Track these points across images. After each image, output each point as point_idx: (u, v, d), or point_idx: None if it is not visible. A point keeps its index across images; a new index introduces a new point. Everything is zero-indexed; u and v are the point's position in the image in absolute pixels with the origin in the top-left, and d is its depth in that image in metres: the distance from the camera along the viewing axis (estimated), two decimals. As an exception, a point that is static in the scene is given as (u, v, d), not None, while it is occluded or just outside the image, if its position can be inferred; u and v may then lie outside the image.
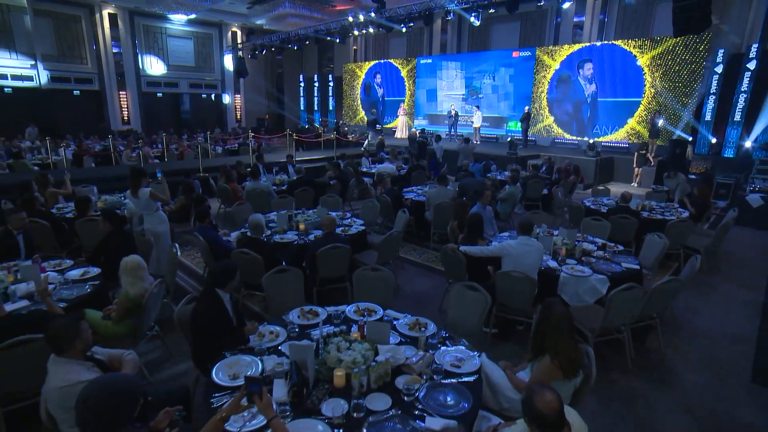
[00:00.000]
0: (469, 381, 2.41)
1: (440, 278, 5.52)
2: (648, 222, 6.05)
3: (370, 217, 6.44)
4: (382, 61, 20.38)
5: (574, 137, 14.49)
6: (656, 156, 11.87)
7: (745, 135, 11.33)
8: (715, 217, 8.43)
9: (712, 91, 11.75)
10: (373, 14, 14.13)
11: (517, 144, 13.14)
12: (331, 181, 8.22)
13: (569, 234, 4.74)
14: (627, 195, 6.20)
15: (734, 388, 3.53)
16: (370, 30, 15.84)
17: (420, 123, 18.69)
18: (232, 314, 2.85)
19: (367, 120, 17.82)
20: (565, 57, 14.30)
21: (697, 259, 4.13)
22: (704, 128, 12.00)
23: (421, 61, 18.63)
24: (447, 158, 12.20)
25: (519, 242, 3.95)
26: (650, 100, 12.79)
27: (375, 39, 20.94)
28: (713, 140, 11.88)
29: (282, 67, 24.77)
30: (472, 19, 13.06)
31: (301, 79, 24.66)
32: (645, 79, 12.83)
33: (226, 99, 23.22)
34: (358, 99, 21.58)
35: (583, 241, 4.89)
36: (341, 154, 11.61)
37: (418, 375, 2.41)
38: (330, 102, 23.32)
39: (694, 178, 9.81)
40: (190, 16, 19.91)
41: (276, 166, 9.86)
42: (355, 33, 16.61)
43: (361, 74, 21.18)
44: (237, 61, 20.61)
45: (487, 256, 4.11)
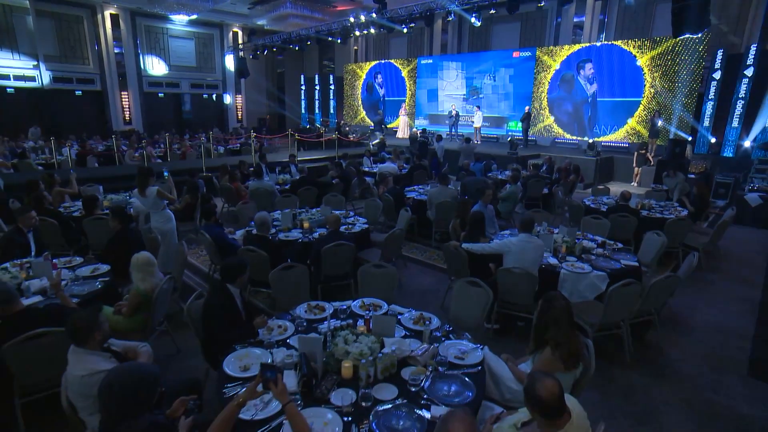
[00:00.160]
0: (472, 372, 2.49)
1: (442, 276, 5.60)
2: (647, 220, 6.12)
3: (373, 215, 6.52)
4: (382, 62, 20.45)
5: (574, 137, 14.55)
6: (656, 156, 11.93)
7: (744, 135, 11.40)
8: (714, 216, 8.52)
9: (711, 91, 11.83)
10: (374, 15, 14.19)
11: (517, 144, 13.20)
12: (333, 180, 8.30)
13: (569, 232, 4.82)
14: (626, 194, 6.27)
15: (731, 381, 3.61)
16: (371, 30, 15.91)
17: (421, 123, 18.74)
18: (241, 309, 2.93)
19: (373, 121, 17.95)
20: (565, 57, 14.36)
21: (695, 256, 4.21)
22: (703, 128, 12.08)
23: (422, 62, 18.69)
24: (448, 158, 12.27)
25: (520, 239, 4.02)
26: (650, 100, 12.86)
27: (376, 39, 20.98)
28: (712, 140, 11.96)
29: (283, 67, 24.82)
30: (472, 19, 13.15)
31: (302, 80, 24.72)
32: (645, 79, 12.90)
33: (227, 99, 23.29)
34: (359, 99, 21.64)
35: (583, 239, 4.97)
36: (343, 153, 11.68)
37: (423, 366, 2.49)
38: (331, 102, 23.38)
39: (694, 177, 9.88)
40: (192, 16, 19.95)
41: (278, 166, 9.94)
42: (357, 33, 16.67)
43: (362, 74, 21.25)
44: (238, 62, 20.68)
45: (489, 253, 4.19)
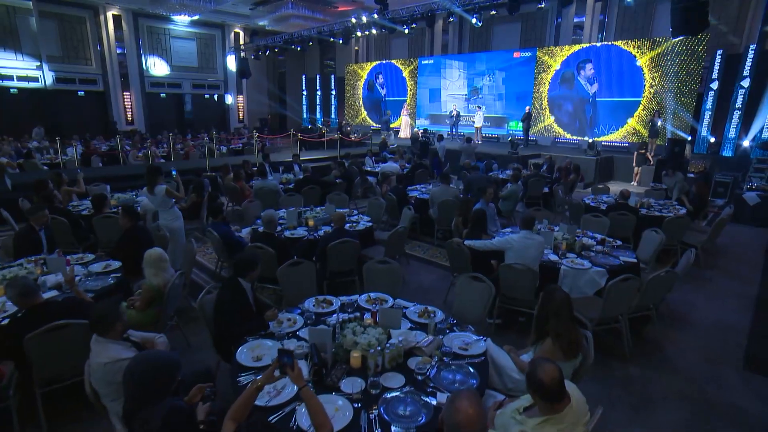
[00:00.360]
0: (476, 362, 2.59)
1: (444, 273, 5.69)
2: (646, 219, 6.21)
3: (376, 214, 6.62)
4: (383, 62, 20.55)
5: (574, 137, 14.65)
6: (655, 155, 12.02)
7: (743, 134, 11.50)
8: (712, 215, 8.61)
9: (710, 91, 11.92)
10: (375, 16, 14.29)
11: (518, 143, 13.30)
12: (337, 179, 8.40)
13: (569, 229, 4.92)
14: (626, 192, 6.37)
15: (727, 374, 3.70)
16: (373, 31, 16.00)
17: (422, 123, 18.84)
18: (252, 303, 3.03)
19: (379, 122, 18.13)
20: (565, 57, 14.45)
21: (692, 252, 4.30)
22: (703, 127, 12.17)
23: (423, 62, 18.78)
24: (449, 158, 12.37)
25: (521, 236, 4.12)
26: (649, 100, 12.95)
27: (376, 40, 21.05)
28: (712, 139, 12.05)
29: (284, 67, 24.91)
30: (473, 20, 13.23)
31: (303, 80, 24.80)
32: (644, 79, 12.99)
33: (229, 99, 23.39)
34: (360, 99, 21.73)
35: (583, 236, 5.06)
36: (345, 153, 11.79)
37: (429, 357, 2.59)
38: (332, 102, 23.46)
39: (693, 176, 9.98)
40: (194, 17, 20.06)
41: (282, 166, 10.03)
42: (358, 34, 16.76)
43: (363, 74, 21.33)
44: (240, 62, 20.78)
45: (491, 249, 4.29)
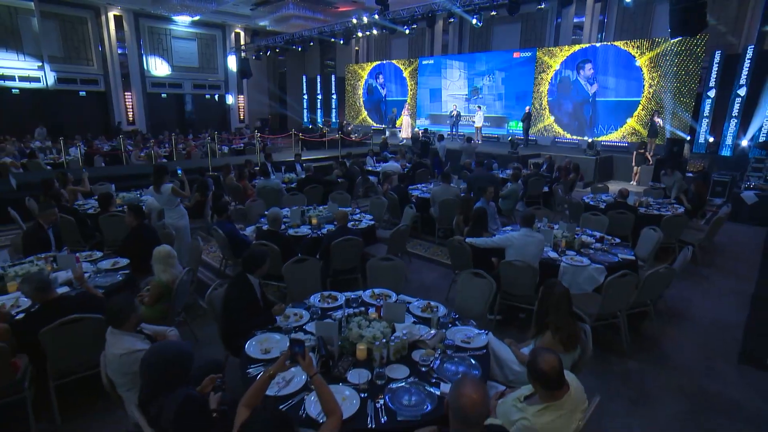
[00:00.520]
0: (478, 355, 2.67)
1: (446, 270, 5.77)
2: (644, 217, 6.29)
3: (378, 213, 6.69)
4: (384, 62, 20.63)
5: (574, 137, 14.73)
6: (654, 155, 12.10)
7: (741, 134, 11.58)
8: (711, 214, 8.68)
9: (709, 91, 12.00)
10: (376, 16, 14.36)
11: (518, 143, 13.38)
12: (339, 179, 8.47)
13: (569, 227, 4.99)
14: (624, 191, 6.45)
15: (723, 368, 3.78)
16: (374, 32, 16.07)
17: (422, 123, 18.91)
18: (260, 298, 3.11)
19: (388, 120, 18.18)
20: (565, 57, 14.53)
21: (689, 249, 4.39)
22: (702, 127, 12.26)
23: (423, 62, 18.86)
24: (449, 157, 12.45)
25: (522, 233, 4.20)
26: (649, 100, 13.02)
27: (377, 40, 21.13)
28: (710, 139, 12.13)
29: (284, 67, 24.98)
30: (473, 21, 13.30)
31: (303, 80, 24.87)
32: (644, 79, 13.07)
33: (230, 99, 23.46)
34: (361, 99, 21.81)
35: (582, 234, 5.14)
36: (347, 153, 11.87)
37: (432, 349, 2.67)
38: (332, 102, 23.52)
39: (692, 176, 10.05)
40: (195, 17, 20.12)
41: (283, 165, 10.11)
42: (359, 34, 16.83)
43: (364, 74, 21.40)
44: (241, 62, 20.84)
45: (492, 247, 4.36)
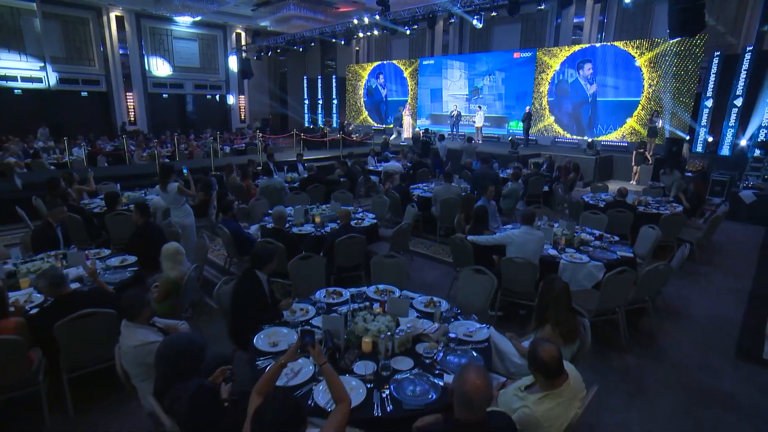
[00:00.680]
0: (480, 347, 2.75)
1: (447, 268, 5.86)
2: (643, 216, 6.37)
3: (380, 212, 6.77)
4: (384, 62, 20.71)
5: (574, 136, 14.80)
6: (654, 155, 12.17)
7: (740, 134, 11.66)
8: (709, 213, 8.76)
9: (708, 91, 12.08)
10: (377, 17, 14.45)
11: (518, 143, 13.45)
12: (341, 178, 8.56)
13: (568, 225, 5.07)
14: (623, 190, 6.53)
15: (719, 363, 3.86)
16: (374, 32, 16.16)
17: (423, 123, 18.99)
18: (268, 294, 3.19)
19: (394, 119, 18.25)
20: (565, 58, 14.61)
21: (687, 247, 4.47)
22: (701, 127, 12.33)
23: (424, 62, 18.94)
24: (450, 157, 12.53)
25: (522, 231, 4.28)
26: (648, 100, 13.10)
27: (377, 40, 21.20)
28: (710, 139, 12.21)
29: (285, 67, 25.04)
30: (474, 21, 13.38)
31: (304, 80, 24.96)
32: (643, 79, 13.15)
33: (231, 100, 23.53)
34: (362, 99, 21.89)
35: (582, 232, 5.22)
36: (349, 152, 11.95)
37: (435, 342, 2.75)
38: (333, 102, 23.59)
39: (691, 175, 10.13)
40: (196, 18, 20.20)
41: (286, 165, 10.19)
42: (360, 35, 16.90)
43: (364, 75, 21.48)
44: (242, 63, 20.91)
45: (493, 244, 4.44)
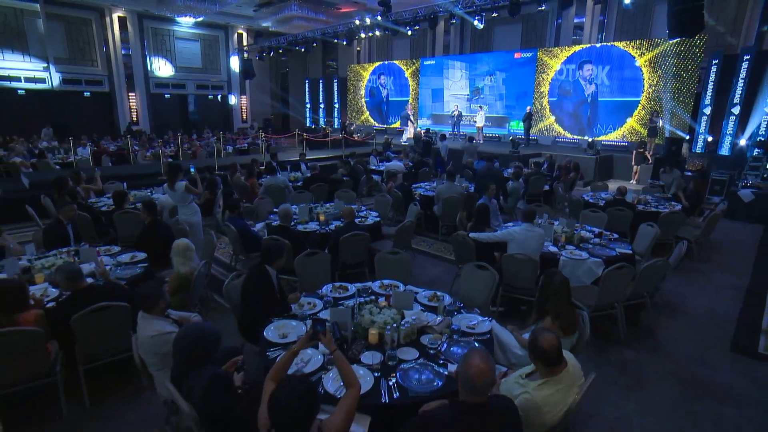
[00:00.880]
0: (482, 339, 2.85)
1: (449, 266, 5.95)
2: (642, 214, 6.46)
3: (383, 210, 6.87)
4: (386, 62, 20.80)
5: (574, 136, 14.89)
6: (654, 154, 12.25)
7: (740, 133, 11.74)
8: (708, 212, 8.84)
9: (708, 90, 12.15)
10: (379, 18, 14.54)
11: (519, 143, 13.54)
12: (344, 177, 8.65)
13: (568, 223, 5.17)
14: (623, 188, 6.62)
15: (715, 356, 3.96)
16: (376, 33, 16.24)
17: (424, 123, 19.08)
18: (277, 288, 3.29)
19: (401, 117, 18.20)
20: (565, 58, 14.69)
21: (684, 244, 4.56)
22: (701, 127, 12.41)
23: (425, 62, 19.03)
24: (451, 156, 12.62)
25: (523, 228, 4.37)
26: (648, 99, 13.18)
27: (379, 40, 21.29)
28: (709, 138, 12.29)
29: (287, 67, 25.14)
30: (475, 22, 13.46)
31: (305, 80, 25.06)
32: (643, 79, 13.23)
33: (232, 100, 23.64)
34: (363, 100, 21.98)
35: (581, 229, 5.31)
36: (351, 152, 12.06)
37: (439, 334, 2.85)
38: (335, 102, 23.68)
39: (690, 174, 10.21)
40: (198, 18, 20.29)
41: (289, 164, 10.29)
42: (362, 36, 16.99)
43: (366, 75, 21.58)
44: (244, 63, 21.01)
45: (494, 241, 4.54)
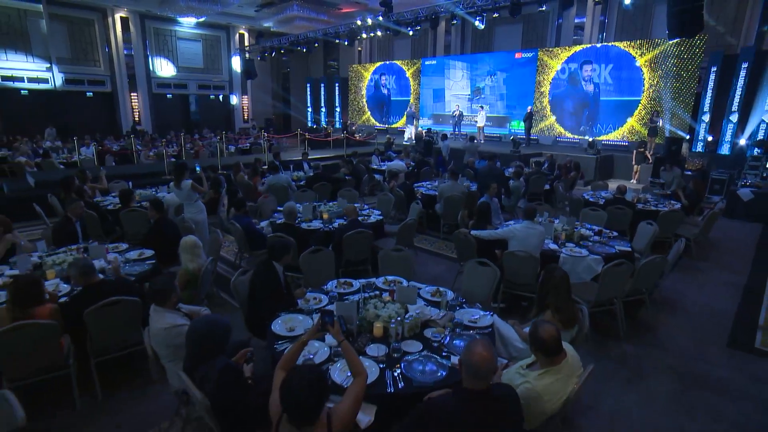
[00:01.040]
0: (484, 333, 2.92)
1: (451, 264, 6.03)
2: (642, 212, 6.52)
3: (386, 209, 6.94)
4: (387, 63, 20.87)
5: (575, 136, 14.95)
6: (654, 154, 12.31)
7: (739, 133, 11.80)
8: (708, 211, 8.90)
9: (708, 90, 12.21)
10: (380, 18, 14.61)
11: (520, 142, 13.61)
12: (346, 176, 8.73)
13: (569, 221, 5.24)
14: (623, 187, 6.70)
15: (712, 351, 4.03)
16: (378, 33, 16.31)
17: (425, 123, 19.15)
18: (283, 284, 3.37)
19: (407, 116, 18.17)
20: (566, 58, 14.76)
21: (682, 242, 4.63)
22: (701, 126, 12.47)
23: (426, 62, 19.10)
24: (453, 156, 12.69)
25: (524, 226, 4.45)
26: (649, 99, 13.24)
27: (380, 40, 21.37)
28: (709, 138, 12.35)
29: (288, 67, 25.22)
30: (476, 22, 13.52)
31: (307, 80, 25.13)
32: (644, 79, 13.29)
33: (234, 100, 23.73)
34: (364, 99, 22.05)
35: (581, 227, 5.38)
36: (353, 152, 12.14)
37: (442, 327, 2.92)
38: (336, 102, 23.75)
39: (690, 174, 10.27)
40: (200, 19, 20.39)
41: (291, 164, 10.37)
42: (363, 36, 17.05)
43: (367, 75, 21.65)
44: (245, 63, 21.10)
45: (496, 238, 4.62)
